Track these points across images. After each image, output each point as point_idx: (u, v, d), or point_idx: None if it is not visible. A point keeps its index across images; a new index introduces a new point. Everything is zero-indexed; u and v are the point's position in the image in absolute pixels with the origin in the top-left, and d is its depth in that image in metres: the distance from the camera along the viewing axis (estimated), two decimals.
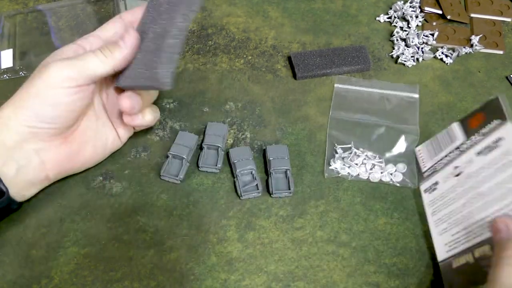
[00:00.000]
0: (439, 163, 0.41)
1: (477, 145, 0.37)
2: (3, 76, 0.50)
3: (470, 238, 0.36)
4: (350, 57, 0.52)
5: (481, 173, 0.36)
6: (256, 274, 0.39)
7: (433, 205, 0.41)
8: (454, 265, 0.37)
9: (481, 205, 0.36)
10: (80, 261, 0.39)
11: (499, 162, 0.35)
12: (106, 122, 0.43)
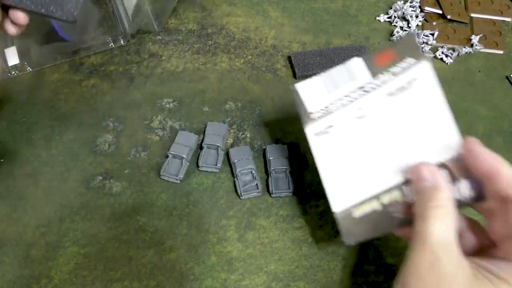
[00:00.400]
0: (335, 103, 0.35)
1: (386, 85, 0.33)
2: (11, 74, 0.51)
3: (376, 183, 0.33)
4: (350, 56, 0.52)
5: (390, 116, 0.33)
6: (256, 274, 0.39)
7: (327, 150, 0.35)
8: (356, 215, 0.34)
9: (390, 150, 0.33)
10: (80, 261, 0.39)
11: (412, 105, 0.32)
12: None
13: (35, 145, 0.46)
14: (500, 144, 0.47)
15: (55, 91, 0.50)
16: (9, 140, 0.46)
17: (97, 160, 0.45)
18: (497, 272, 0.27)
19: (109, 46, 0.53)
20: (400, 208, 0.32)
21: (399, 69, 0.33)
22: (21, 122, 0.48)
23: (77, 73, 0.51)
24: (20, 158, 0.45)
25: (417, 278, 0.27)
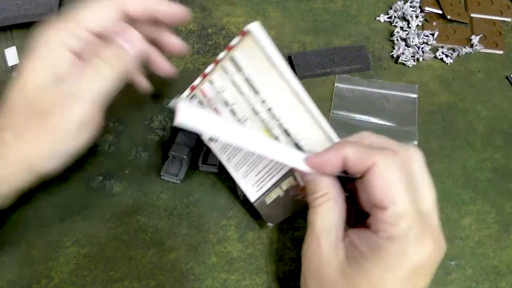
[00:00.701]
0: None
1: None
2: (12, 74, 0.51)
3: (273, 174, 0.37)
4: (350, 57, 0.52)
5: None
6: (257, 274, 0.39)
7: (225, 151, 0.38)
8: (267, 202, 0.38)
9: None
10: (80, 261, 0.39)
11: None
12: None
13: None
14: (500, 144, 0.47)
15: None
16: None
17: (97, 160, 0.45)
18: (359, 246, 0.29)
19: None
20: (298, 191, 0.37)
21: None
22: None
23: None
24: None
25: (307, 261, 0.31)
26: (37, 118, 0.31)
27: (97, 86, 0.32)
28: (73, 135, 0.32)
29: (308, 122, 0.34)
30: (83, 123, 0.32)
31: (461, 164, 0.46)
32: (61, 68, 0.32)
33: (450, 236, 0.42)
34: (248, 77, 0.34)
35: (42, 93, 0.32)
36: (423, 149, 0.46)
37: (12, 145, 0.31)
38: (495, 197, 0.44)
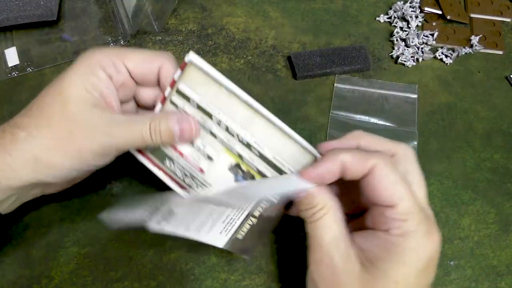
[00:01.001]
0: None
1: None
2: (12, 74, 0.51)
3: (243, 210, 0.35)
4: (350, 57, 0.52)
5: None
6: (256, 274, 0.39)
7: (180, 224, 0.35)
8: (240, 237, 0.35)
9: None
10: (80, 261, 0.39)
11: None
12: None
13: None
14: (499, 145, 0.47)
15: None
16: None
17: None
18: (371, 249, 0.30)
19: (110, 46, 0.53)
20: (274, 208, 0.34)
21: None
22: None
23: None
24: None
25: (321, 277, 0.30)
26: (63, 130, 0.32)
27: (130, 141, 0.33)
28: (84, 161, 0.33)
29: (267, 130, 0.33)
30: (98, 159, 0.33)
31: (460, 164, 0.46)
32: (99, 90, 0.33)
33: (450, 236, 0.42)
34: (199, 104, 0.34)
35: (77, 109, 0.32)
36: (423, 149, 0.47)
37: (23, 144, 0.32)
38: (494, 198, 0.44)
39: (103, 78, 0.33)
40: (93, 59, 0.34)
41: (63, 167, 0.33)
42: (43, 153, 0.32)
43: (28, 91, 0.50)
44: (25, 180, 0.33)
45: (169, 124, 0.34)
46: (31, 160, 0.32)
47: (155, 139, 0.34)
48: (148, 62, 0.35)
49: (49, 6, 0.53)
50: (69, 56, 0.52)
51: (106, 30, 0.54)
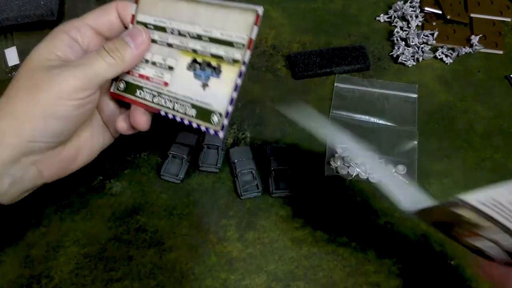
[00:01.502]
0: None
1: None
2: (12, 74, 0.51)
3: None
4: (350, 56, 0.52)
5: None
6: (256, 273, 0.39)
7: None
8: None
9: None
10: (80, 261, 0.39)
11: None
12: (101, 123, 0.40)
13: None
14: (499, 144, 0.47)
15: None
16: None
17: (97, 160, 0.45)
18: None
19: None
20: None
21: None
22: None
23: None
24: None
25: None
26: (32, 84, 0.33)
27: (95, 68, 0.34)
28: (63, 110, 0.33)
29: (208, 13, 0.34)
30: (74, 98, 0.34)
31: (460, 164, 0.46)
32: (62, 49, 0.35)
33: None
34: (155, 25, 0.37)
35: (41, 68, 0.34)
36: (423, 149, 0.47)
37: (4, 108, 0.33)
38: None
39: (65, 39, 0.36)
40: (57, 29, 0.36)
41: (41, 116, 0.33)
42: (20, 108, 0.33)
43: None
44: (13, 146, 0.33)
45: (120, 37, 0.36)
46: (12, 119, 0.33)
47: (115, 55, 0.35)
48: (104, 12, 0.38)
49: (49, 6, 0.53)
50: None
51: None
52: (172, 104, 0.36)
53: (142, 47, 0.37)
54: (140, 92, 0.38)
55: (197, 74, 0.35)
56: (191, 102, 0.35)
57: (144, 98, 0.37)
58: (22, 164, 0.34)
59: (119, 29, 0.38)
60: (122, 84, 0.38)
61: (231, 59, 0.34)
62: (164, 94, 0.37)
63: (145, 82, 0.38)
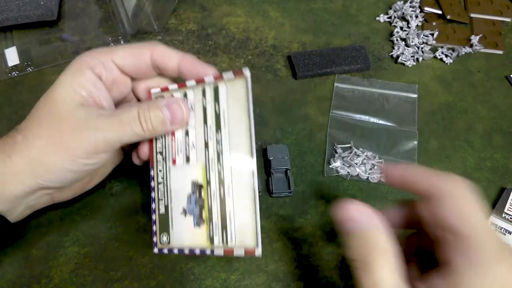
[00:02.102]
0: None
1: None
2: (12, 74, 0.51)
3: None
4: (350, 56, 0.52)
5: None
6: (256, 274, 0.39)
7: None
8: None
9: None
10: (80, 261, 0.39)
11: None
12: (118, 148, 0.39)
13: None
14: (500, 144, 0.47)
15: None
16: None
17: None
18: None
19: (110, 46, 0.53)
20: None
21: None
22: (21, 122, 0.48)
23: None
24: None
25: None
26: (52, 129, 0.32)
27: (122, 134, 0.33)
28: (76, 159, 0.33)
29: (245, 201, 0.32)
30: (92, 155, 0.33)
31: (461, 164, 0.46)
32: (87, 89, 0.33)
33: None
34: (219, 113, 0.34)
35: (65, 108, 0.32)
36: (423, 149, 0.47)
37: (20, 146, 0.32)
38: (495, 198, 0.44)
39: (90, 77, 0.34)
40: (81, 61, 0.34)
41: (57, 168, 0.33)
42: (38, 154, 0.32)
43: (28, 91, 0.50)
44: (27, 185, 0.33)
45: (158, 107, 0.33)
46: (29, 162, 0.32)
47: (146, 126, 0.33)
48: (137, 53, 0.35)
49: (49, 6, 0.53)
50: (69, 56, 0.52)
51: (106, 30, 0.54)
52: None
53: (177, 127, 0.35)
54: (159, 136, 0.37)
55: (191, 199, 0.34)
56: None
57: (156, 139, 0.36)
58: (36, 195, 0.35)
59: (147, 72, 0.36)
60: None
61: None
62: (165, 166, 0.36)
63: (169, 134, 0.36)
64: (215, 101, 0.34)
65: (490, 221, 0.42)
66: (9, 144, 0.33)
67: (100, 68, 0.34)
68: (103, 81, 0.35)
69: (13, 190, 0.33)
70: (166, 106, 0.34)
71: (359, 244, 0.27)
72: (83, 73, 0.33)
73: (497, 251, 0.25)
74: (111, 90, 0.36)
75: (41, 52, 0.52)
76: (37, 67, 0.51)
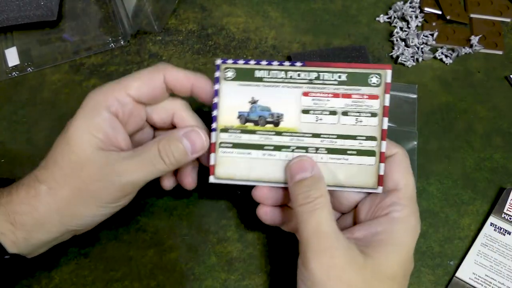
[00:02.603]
0: None
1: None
2: (12, 74, 0.51)
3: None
4: (350, 57, 0.52)
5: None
6: (256, 274, 0.39)
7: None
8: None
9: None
10: (81, 261, 0.39)
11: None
12: None
13: (35, 145, 0.46)
14: (499, 145, 0.47)
15: (56, 91, 0.50)
16: (10, 141, 0.46)
17: None
18: (367, 236, 0.32)
19: (110, 46, 0.53)
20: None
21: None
22: (21, 122, 0.48)
23: (77, 74, 0.51)
24: (20, 158, 0.45)
25: (323, 268, 0.29)
26: (76, 179, 0.32)
27: (145, 175, 0.33)
28: (106, 204, 0.33)
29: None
30: (120, 198, 0.33)
31: (460, 164, 0.46)
32: (103, 131, 0.32)
33: (449, 236, 0.42)
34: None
35: (84, 154, 0.32)
36: (422, 149, 0.47)
37: (46, 198, 0.32)
38: (494, 198, 0.44)
39: (106, 117, 0.33)
40: (95, 100, 0.33)
41: (87, 215, 0.33)
42: (66, 205, 0.32)
43: (28, 91, 0.50)
44: (55, 231, 0.33)
45: (178, 139, 0.33)
46: (56, 213, 0.32)
47: (169, 161, 0.33)
48: (150, 81, 0.34)
49: (49, 6, 0.53)
50: (69, 56, 0.52)
51: (106, 30, 0.54)
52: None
53: (198, 155, 0.35)
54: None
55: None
56: None
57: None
58: (63, 237, 0.35)
59: (162, 98, 0.36)
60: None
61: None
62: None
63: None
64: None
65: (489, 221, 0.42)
66: (32, 194, 0.31)
67: (116, 107, 0.33)
68: (119, 119, 0.34)
69: (40, 238, 0.32)
70: (185, 136, 0.34)
71: (308, 190, 0.31)
72: (99, 114, 0.32)
73: (414, 209, 0.33)
74: (128, 124, 0.35)
75: (41, 52, 0.52)
76: (37, 67, 0.51)
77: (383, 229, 0.31)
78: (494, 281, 0.39)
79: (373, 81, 0.34)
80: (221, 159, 0.35)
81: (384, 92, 0.34)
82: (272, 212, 0.36)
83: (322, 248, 0.29)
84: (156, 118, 0.37)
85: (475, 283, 0.39)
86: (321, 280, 0.29)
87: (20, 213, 0.31)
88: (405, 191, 0.33)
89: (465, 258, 0.40)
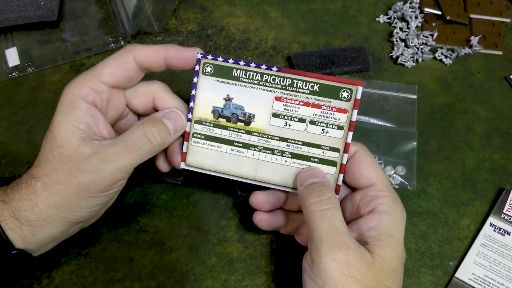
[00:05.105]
0: None
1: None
2: (12, 74, 0.51)
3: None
4: (350, 57, 0.52)
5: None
6: (256, 274, 0.39)
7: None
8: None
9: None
10: (81, 261, 0.40)
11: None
12: None
13: (36, 145, 0.46)
14: (499, 145, 0.47)
15: (56, 92, 0.50)
16: (10, 141, 0.46)
17: None
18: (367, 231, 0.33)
19: (110, 47, 0.53)
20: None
21: None
22: (22, 122, 0.48)
23: (78, 74, 0.51)
24: (21, 158, 0.45)
25: (339, 265, 0.30)
26: (66, 172, 0.32)
27: (133, 159, 0.33)
28: (99, 193, 0.33)
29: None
30: (111, 186, 0.33)
31: (460, 165, 0.46)
32: (84, 121, 0.33)
33: (449, 236, 0.42)
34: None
35: (69, 147, 0.32)
36: (422, 150, 0.47)
37: (43, 194, 0.32)
38: (493, 198, 0.44)
39: (84, 108, 0.33)
40: (71, 93, 0.33)
41: (83, 206, 0.33)
42: (62, 199, 0.32)
43: (28, 91, 0.50)
44: (58, 225, 0.33)
45: (160, 121, 0.34)
46: (54, 207, 0.32)
47: (156, 141, 0.34)
48: (121, 64, 0.34)
49: (49, 7, 0.53)
50: (69, 56, 0.52)
51: (107, 30, 0.54)
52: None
53: (180, 133, 0.36)
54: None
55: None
56: None
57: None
58: (69, 232, 0.35)
59: (136, 78, 0.36)
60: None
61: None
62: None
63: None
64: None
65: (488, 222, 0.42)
66: (30, 191, 0.32)
67: (92, 96, 0.34)
68: (98, 108, 0.34)
69: (46, 233, 0.33)
70: (166, 117, 0.35)
71: (321, 189, 0.33)
72: (77, 106, 0.33)
73: (394, 197, 0.34)
74: (108, 112, 0.36)
75: (41, 53, 0.52)
76: (37, 67, 0.51)
77: (374, 225, 0.32)
78: (493, 281, 0.39)
79: (343, 95, 0.34)
80: (193, 148, 0.36)
81: (353, 107, 0.35)
82: (267, 218, 0.38)
83: (337, 245, 0.30)
84: (137, 103, 0.37)
85: (475, 284, 0.39)
86: (333, 277, 0.29)
87: (23, 209, 0.32)
88: (381, 183, 0.34)
89: (464, 258, 0.40)
